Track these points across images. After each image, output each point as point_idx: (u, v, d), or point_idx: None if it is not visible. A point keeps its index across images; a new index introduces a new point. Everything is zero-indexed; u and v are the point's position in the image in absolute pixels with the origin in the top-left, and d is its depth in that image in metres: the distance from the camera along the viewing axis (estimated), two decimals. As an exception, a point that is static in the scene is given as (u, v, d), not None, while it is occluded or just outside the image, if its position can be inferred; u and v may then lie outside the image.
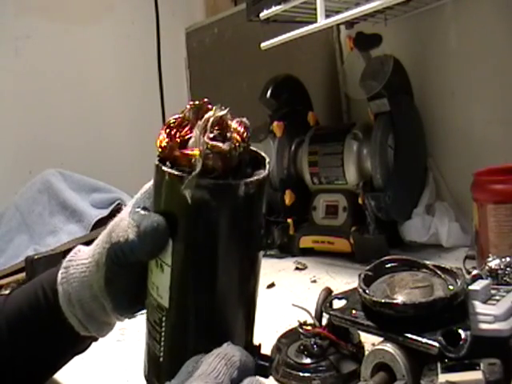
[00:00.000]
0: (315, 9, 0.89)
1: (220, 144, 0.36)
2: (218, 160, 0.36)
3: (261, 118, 1.25)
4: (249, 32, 1.35)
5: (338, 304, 0.56)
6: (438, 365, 0.43)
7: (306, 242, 1.15)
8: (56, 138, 1.48)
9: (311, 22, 0.92)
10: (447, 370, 0.43)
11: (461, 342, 0.43)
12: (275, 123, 1.19)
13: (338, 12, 0.90)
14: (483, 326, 0.46)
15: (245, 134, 0.38)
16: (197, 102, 0.39)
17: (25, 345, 0.45)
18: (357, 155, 1.08)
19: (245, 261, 0.39)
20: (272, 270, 1.06)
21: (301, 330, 0.58)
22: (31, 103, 1.43)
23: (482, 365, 0.42)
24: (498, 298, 0.50)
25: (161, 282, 0.39)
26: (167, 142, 0.38)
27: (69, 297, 0.43)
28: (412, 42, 1.18)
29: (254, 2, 1.03)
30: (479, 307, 0.48)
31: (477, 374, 0.41)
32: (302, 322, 0.59)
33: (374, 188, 1.04)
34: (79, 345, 0.48)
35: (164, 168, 0.37)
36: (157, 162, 0.38)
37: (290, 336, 0.62)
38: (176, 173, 0.36)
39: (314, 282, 0.95)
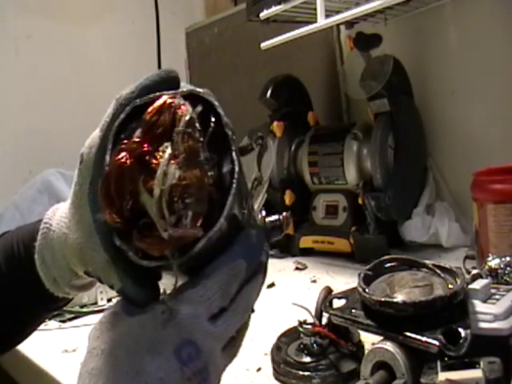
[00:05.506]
0: (315, 9, 0.89)
1: None
2: None
3: (261, 118, 1.25)
4: (249, 32, 1.35)
5: (337, 303, 0.57)
6: (438, 363, 0.43)
7: (306, 241, 1.15)
8: (56, 137, 1.47)
9: (311, 22, 0.92)
10: (447, 368, 0.43)
11: (461, 341, 0.43)
12: (275, 123, 1.19)
13: (338, 12, 0.90)
14: (483, 324, 0.46)
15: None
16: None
17: None
18: (357, 155, 1.08)
19: None
20: (272, 270, 1.04)
21: (301, 329, 0.58)
22: (31, 103, 1.43)
23: (481, 363, 0.42)
24: (497, 297, 0.50)
25: None
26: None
27: (43, 260, 0.41)
28: (412, 42, 1.18)
29: (254, 1, 1.03)
30: (479, 306, 0.48)
31: (477, 373, 0.41)
32: (301, 321, 0.59)
33: (374, 188, 1.04)
34: (52, 304, 0.46)
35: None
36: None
37: (290, 335, 0.62)
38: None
39: (314, 281, 0.95)
